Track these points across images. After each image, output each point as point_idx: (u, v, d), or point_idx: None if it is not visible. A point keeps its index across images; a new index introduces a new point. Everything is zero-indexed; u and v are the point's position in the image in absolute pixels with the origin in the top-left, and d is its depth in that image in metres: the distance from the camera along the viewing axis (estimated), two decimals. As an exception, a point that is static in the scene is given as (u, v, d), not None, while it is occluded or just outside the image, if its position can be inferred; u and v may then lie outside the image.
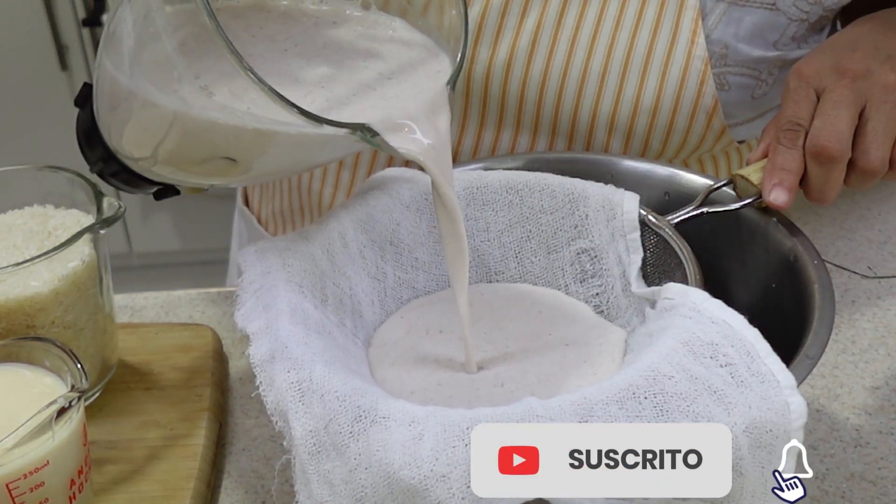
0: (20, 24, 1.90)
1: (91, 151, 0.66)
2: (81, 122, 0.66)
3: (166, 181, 0.65)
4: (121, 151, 0.63)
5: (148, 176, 0.64)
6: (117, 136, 0.62)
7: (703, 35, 0.77)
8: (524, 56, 0.79)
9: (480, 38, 0.79)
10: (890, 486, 0.69)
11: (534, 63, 0.79)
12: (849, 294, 0.87)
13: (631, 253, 0.65)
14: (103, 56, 0.59)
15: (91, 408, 0.73)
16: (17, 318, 0.67)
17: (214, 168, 0.60)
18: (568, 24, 0.78)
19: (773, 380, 0.51)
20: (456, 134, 0.84)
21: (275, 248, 0.62)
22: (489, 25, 0.79)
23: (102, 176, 0.67)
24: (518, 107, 0.81)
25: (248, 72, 0.49)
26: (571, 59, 0.79)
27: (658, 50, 0.78)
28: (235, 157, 0.57)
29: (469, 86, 0.81)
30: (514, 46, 0.79)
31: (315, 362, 0.53)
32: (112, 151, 0.64)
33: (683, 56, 0.78)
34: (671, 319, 0.55)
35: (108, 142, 0.63)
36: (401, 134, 0.55)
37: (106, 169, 0.66)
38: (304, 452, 0.51)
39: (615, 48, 0.78)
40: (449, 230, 0.60)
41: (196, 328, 0.81)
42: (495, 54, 0.79)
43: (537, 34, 0.79)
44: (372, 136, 0.54)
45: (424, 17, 0.62)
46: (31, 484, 0.59)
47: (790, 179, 0.65)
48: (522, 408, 0.50)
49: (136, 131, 0.60)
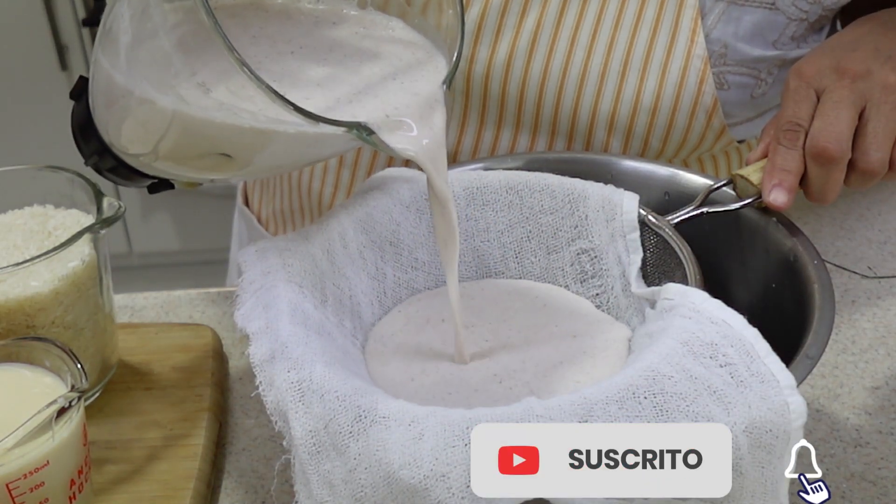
0: (20, 24, 1.90)
1: (86, 145, 0.66)
2: (76, 115, 0.65)
3: (162, 176, 0.65)
4: (117, 146, 0.63)
5: (144, 171, 0.64)
6: (115, 133, 0.62)
7: (702, 34, 0.77)
8: (524, 55, 0.79)
9: (480, 38, 0.79)
10: (890, 486, 0.69)
11: (533, 62, 0.79)
12: (849, 294, 0.87)
13: (631, 253, 0.65)
14: (99, 53, 0.59)
15: (91, 408, 0.73)
16: (17, 318, 0.67)
17: (211, 163, 0.60)
18: (567, 23, 0.78)
19: (772, 380, 0.51)
20: (456, 133, 0.84)
21: (275, 248, 0.62)
22: (489, 25, 0.79)
23: (97, 169, 0.67)
24: (518, 106, 0.81)
25: (246, 69, 0.49)
26: (571, 59, 0.79)
27: (657, 49, 0.78)
28: (232, 153, 0.57)
29: (469, 85, 0.81)
30: (514, 46, 0.79)
31: (315, 362, 0.53)
32: (107, 145, 0.64)
33: (683, 55, 0.78)
34: (671, 320, 0.55)
35: (104, 137, 0.63)
36: (397, 133, 0.56)
37: (101, 163, 0.66)
38: (304, 452, 0.51)
39: (615, 47, 0.78)
40: (442, 224, 0.60)
41: (196, 328, 0.81)
42: (495, 54, 0.79)
43: (537, 34, 0.79)
44: (368, 135, 0.55)
45: (422, 16, 0.63)
46: (31, 484, 0.59)
47: (790, 180, 0.65)
48: (522, 408, 0.50)
49: (132, 128, 0.60)
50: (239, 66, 0.49)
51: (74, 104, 0.66)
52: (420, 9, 0.63)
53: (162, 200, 2.09)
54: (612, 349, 0.61)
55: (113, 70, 0.58)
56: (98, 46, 0.60)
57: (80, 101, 0.65)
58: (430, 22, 0.62)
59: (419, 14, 0.63)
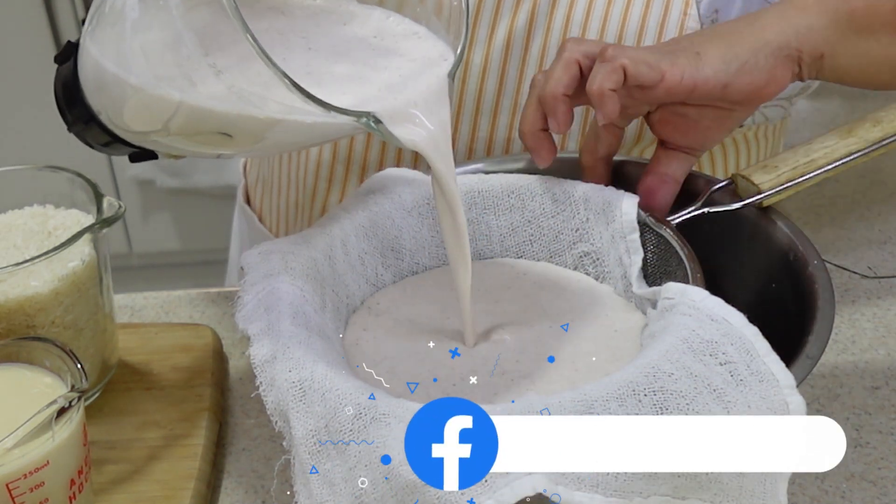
0: (20, 24, 1.90)
1: (71, 112, 0.65)
2: (61, 79, 0.65)
3: (161, 150, 0.65)
4: (117, 124, 0.62)
5: (137, 143, 0.64)
6: (115, 112, 0.61)
7: (695, 6, 0.77)
8: (522, 35, 0.79)
9: (479, 20, 0.80)
10: (890, 486, 0.69)
11: (532, 43, 0.79)
12: (849, 294, 0.87)
13: (631, 254, 0.65)
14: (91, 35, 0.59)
15: (91, 408, 0.73)
16: (17, 318, 0.67)
17: (211, 141, 0.59)
18: (563, 2, 0.79)
19: (772, 379, 0.51)
20: (452, 122, 0.84)
21: (278, 250, 0.62)
22: (486, 8, 0.79)
23: (81, 137, 0.66)
24: (516, 89, 0.81)
25: (263, 55, 0.49)
26: (567, 36, 0.79)
27: (650, 23, 0.78)
28: (234, 135, 0.57)
29: (466, 70, 0.81)
30: (512, 28, 0.79)
31: (317, 362, 0.53)
32: (94, 114, 0.63)
33: (676, 28, 0.78)
34: (671, 318, 0.55)
35: (93, 107, 0.63)
36: (404, 123, 0.56)
37: (87, 132, 0.65)
38: (305, 452, 0.51)
39: (608, 23, 0.79)
40: (449, 222, 0.60)
41: (196, 328, 0.81)
42: (493, 36, 0.80)
43: (534, 13, 0.79)
44: (376, 124, 0.55)
45: (425, 7, 0.63)
46: (31, 484, 0.59)
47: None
48: (522, 404, 0.50)
49: (134, 108, 0.59)
50: (257, 51, 0.48)
51: (59, 68, 0.65)
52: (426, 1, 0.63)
53: (162, 200, 2.09)
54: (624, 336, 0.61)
55: (106, 58, 0.57)
56: (93, 27, 0.59)
57: (63, 66, 0.64)
58: (432, 14, 0.62)
59: (421, 4, 0.63)
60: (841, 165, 0.68)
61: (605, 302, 0.64)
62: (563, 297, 0.65)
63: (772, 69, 0.64)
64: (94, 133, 0.65)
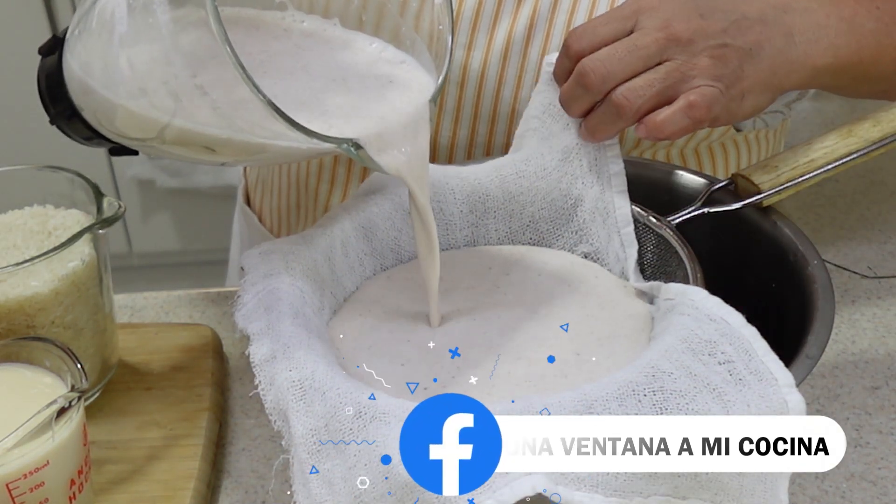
0: (20, 24, 1.90)
1: (54, 106, 0.65)
2: (45, 71, 0.65)
3: (144, 151, 0.65)
4: (106, 127, 0.63)
5: (121, 143, 0.64)
6: (102, 117, 0.62)
7: None
8: (521, 40, 0.79)
9: (478, 25, 0.79)
10: (890, 486, 0.69)
11: (531, 47, 0.79)
12: (849, 294, 0.87)
13: (626, 247, 0.65)
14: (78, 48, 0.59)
15: (91, 408, 0.73)
16: (17, 318, 0.67)
17: (198, 152, 0.60)
18: (563, 7, 0.79)
19: (771, 378, 0.51)
20: (451, 127, 0.84)
21: (278, 251, 0.62)
22: (486, 13, 0.79)
23: (62, 129, 0.67)
24: (514, 94, 0.81)
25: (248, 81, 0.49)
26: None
27: None
28: (219, 151, 0.58)
29: (465, 74, 0.81)
30: (511, 32, 0.79)
31: (318, 362, 0.53)
32: (77, 110, 0.63)
33: None
34: (671, 318, 0.55)
35: (77, 103, 0.63)
36: (383, 149, 0.57)
37: (69, 127, 0.65)
38: (304, 451, 0.51)
39: None
40: (423, 237, 0.61)
41: (196, 328, 0.81)
42: (492, 40, 0.80)
43: (534, 18, 0.79)
44: (357, 150, 0.56)
45: (411, 33, 0.64)
46: (31, 484, 0.59)
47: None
48: (522, 403, 0.50)
49: (122, 118, 0.60)
50: (244, 78, 0.49)
51: (42, 60, 0.65)
52: (411, 23, 0.64)
53: (162, 200, 2.09)
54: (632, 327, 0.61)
55: (98, 62, 0.58)
56: (79, 32, 0.59)
57: (48, 58, 0.64)
58: (417, 39, 0.64)
59: (407, 31, 0.64)
60: (841, 165, 0.68)
61: (606, 301, 0.64)
62: (569, 295, 0.65)
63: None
64: (76, 127, 0.65)
